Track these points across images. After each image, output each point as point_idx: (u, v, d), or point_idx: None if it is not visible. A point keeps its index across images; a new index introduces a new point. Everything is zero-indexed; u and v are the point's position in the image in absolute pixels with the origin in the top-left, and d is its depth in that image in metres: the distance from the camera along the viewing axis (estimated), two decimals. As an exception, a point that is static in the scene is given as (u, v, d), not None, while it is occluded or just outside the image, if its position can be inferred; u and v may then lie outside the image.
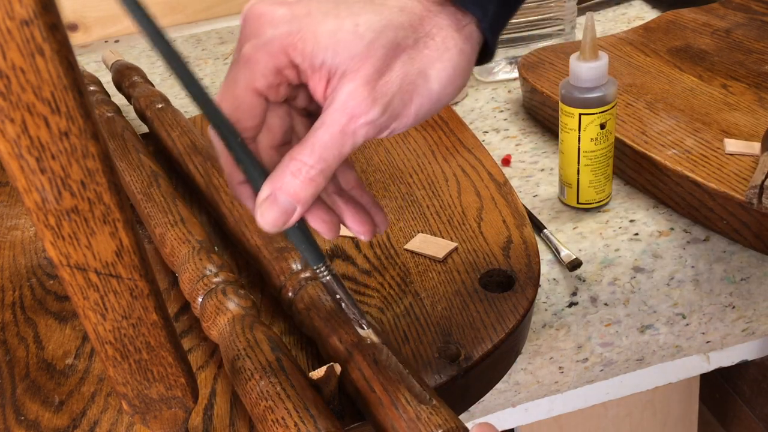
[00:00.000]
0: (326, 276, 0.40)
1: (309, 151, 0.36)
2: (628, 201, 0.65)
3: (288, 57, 0.36)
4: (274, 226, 0.37)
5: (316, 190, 0.36)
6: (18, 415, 0.46)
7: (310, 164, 0.36)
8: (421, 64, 0.37)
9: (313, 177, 0.36)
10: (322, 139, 0.36)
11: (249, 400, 0.40)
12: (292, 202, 0.36)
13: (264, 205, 0.36)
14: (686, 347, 0.62)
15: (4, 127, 0.27)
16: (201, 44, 1.13)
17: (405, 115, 0.37)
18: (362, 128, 0.36)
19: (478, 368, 0.46)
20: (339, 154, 0.36)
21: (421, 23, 0.37)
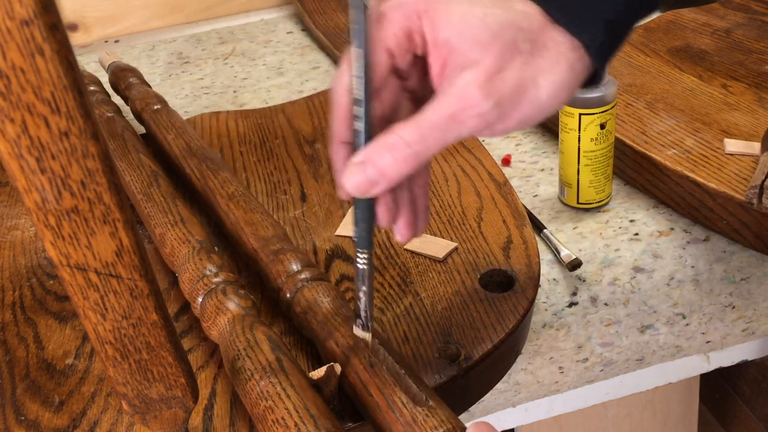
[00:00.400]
0: (365, 264, 0.40)
1: (413, 128, 0.36)
2: (628, 201, 0.65)
3: (420, 22, 0.37)
4: (354, 190, 0.37)
5: (406, 171, 0.36)
6: (18, 415, 0.46)
7: (409, 142, 0.36)
8: (534, 70, 0.37)
9: (406, 157, 0.36)
10: (430, 119, 0.36)
11: (249, 400, 0.40)
12: (378, 176, 0.36)
13: (352, 168, 0.37)
14: (686, 347, 0.62)
15: (4, 127, 0.27)
16: (201, 44, 1.13)
17: (510, 118, 0.37)
18: (471, 119, 0.36)
19: (478, 368, 0.46)
20: (441, 140, 0.36)
21: (539, 33, 0.37)
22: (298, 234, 0.60)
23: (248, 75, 1.00)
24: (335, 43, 1.01)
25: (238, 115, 0.81)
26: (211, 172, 0.62)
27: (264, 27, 1.17)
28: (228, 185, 0.60)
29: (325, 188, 0.65)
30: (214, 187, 0.60)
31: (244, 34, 1.15)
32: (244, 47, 1.10)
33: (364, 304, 0.41)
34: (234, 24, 1.20)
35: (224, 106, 0.92)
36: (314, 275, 0.49)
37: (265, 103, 0.91)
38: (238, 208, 0.57)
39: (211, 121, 0.80)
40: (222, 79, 1.00)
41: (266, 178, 0.68)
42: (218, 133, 0.77)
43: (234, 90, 0.96)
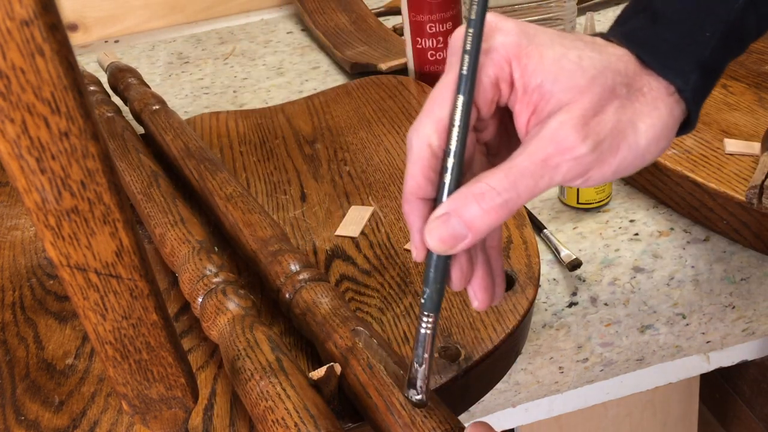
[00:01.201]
0: (428, 329, 0.36)
1: (502, 175, 0.33)
2: (628, 201, 0.65)
3: (509, 68, 0.35)
4: (437, 247, 0.34)
5: (496, 222, 0.34)
6: (18, 415, 0.46)
7: (498, 191, 0.33)
8: (632, 114, 0.35)
9: (496, 206, 0.33)
10: (521, 165, 0.33)
11: (249, 400, 0.40)
12: (465, 229, 0.34)
13: (435, 223, 0.34)
14: (686, 347, 0.62)
15: (4, 127, 0.27)
16: (201, 44, 1.13)
17: (608, 163, 0.34)
18: (566, 163, 0.33)
19: (478, 368, 0.46)
20: (533, 188, 0.33)
21: (635, 77, 0.36)
22: (298, 234, 0.60)
23: (248, 75, 1.00)
24: (335, 43, 1.01)
25: (238, 115, 0.81)
26: (209, 172, 0.62)
27: (264, 27, 1.17)
28: (226, 186, 0.60)
29: (325, 188, 0.65)
30: (213, 188, 0.60)
31: (244, 34, 1.15)
32: (244, 47, 1.10)
33: (423, 372, 0.37)
34: (234, 24, 1.20)
35: (224, 106, 0.92)
36: (313, 276, 0.49)
37: (265, 103, 0.91)
38: (236, 209, 0.57)
39: (211, 121, 0.80)
40: (222, 79, 1.00)
41: (266, 178, 0.68)
42: (218, 133, 0.77)
43: (234, 90, 0.96)
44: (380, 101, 0.78)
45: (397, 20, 1.09)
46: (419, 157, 0.35)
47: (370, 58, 0.93)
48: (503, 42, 0.35)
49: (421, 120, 0.36)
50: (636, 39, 0.37)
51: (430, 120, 0.35)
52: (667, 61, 0.36)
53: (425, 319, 0.36)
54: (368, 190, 0.64)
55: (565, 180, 0.34)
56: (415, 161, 0.35)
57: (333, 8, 1.12)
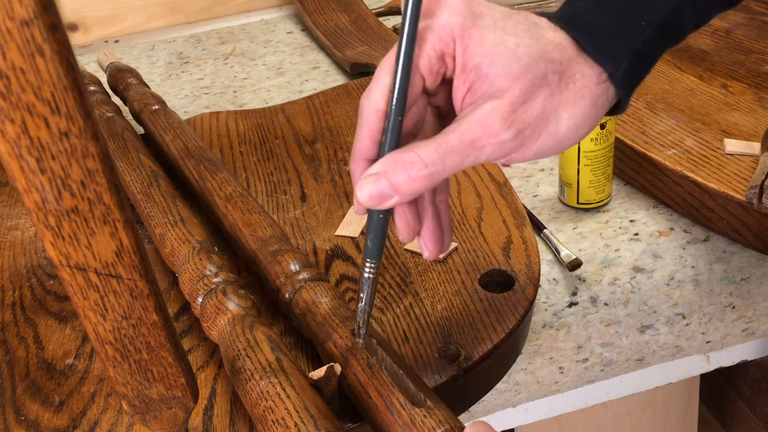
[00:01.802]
0: (371, 274, 0.40)
1: (433, 149, 0.36)
2: (628, 201, 0.65)
3: (453, 45, 0.37)
4: (366, 201, 0.37)
5: (419, 190, 0.37)
6: (18, 415, 0.46)
7: (426, 163, 0.36)
8: (558, 104, 0.37)
9: (422, 177, 0.36)
10: (451, 142, 0.36)
11: (249, 400, 0.40)
12: (391, 190, 0.37)
13: (367, 180, 0.37)
14: (686, 347, 0.62)
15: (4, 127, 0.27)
16: (201, 44, 1.13)
17: (528, 148, 0.38)
18: (491, 146, 0.36)
19: (478, 368, 0.46)
20: (458, 163, 0.36)
21: (568, 64, 0.38)
22: (298, 234, 0.60)
23: (248, 75, 1.00)
24: (335, 43, 1.01)
25: (238, 115, 0.81)
26: (209, 173, 0.62)
27: (264, 27, 1.17)
28: (226, 186, 0.60)
29: (325, 188, 0.65)
30: (212, 188, 0.60)
31: (244, 34, 1.15)
32: (244, 47, 1.10)
33: (361, 313, 0.41)
34: (234, 24, 1.20)
35: (224, 106, 0.92)
36: (313, 276, 0.49)
37: (265, 103, 0.91)
38: (236, 209, 0.57)
39: (211, 121, 0.80)
40: (222, 79, 1.00)
41: (266, 178, 0.68)
42: (218, 133, 0.77)
43: (234, 90, 0.96)
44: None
45: (397, 20, 1.09)
46: (368, 120, 0.38)
47: (370, 58, 0.93)
48: (449, 20, 0.37)
49: (372, 87, 0.38)
50: (577, 23, 0.38)
51: (378, 86, 0.38)
52: (603, 47, 0.38)
53: (367, 265, 0.40)
54: (368, 190, 0.64)
55: (487, 159, 0.37)
56: (364, 124, 0.38)
57: (333, 8, 1.12)
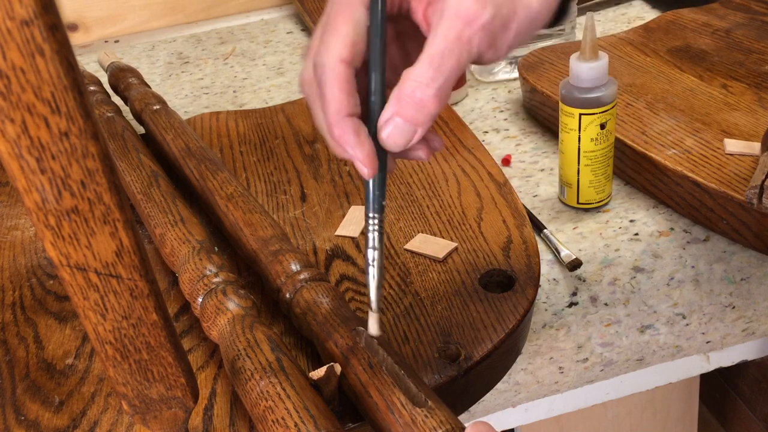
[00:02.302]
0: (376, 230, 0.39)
1: (426, 65, 0.35)
2: (628, 201, 0.65)
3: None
4: (396, 147, 0.36)
5: (436, 111, 0.36)
6: (18, 415, 0.46)
7: (427, 82, 0.35)
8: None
9: (430, 96, 0.35)
10: (439, 48, 0.35)
11: (249, 400, 0.40)
12: (413, 125, 0.36)
13: (385, 128, 0.36)
14: (686, 347, 0.62)
15: (5, 127, 0.27)
16: (201, 44, 1.13)
17: (510, 28, 0.37)
18: (477, 34, 0.35)
19: (478, 368, 0.46)
20: (457, 65, 0.35)
21: None
22: (298, 234, 0.60)
23: (248, 75, 1.00)
24: (335, 43, 1.00)
25: (238, 115, 0.81)
26: (210, 172, 0.62)
27: (264, 27, 1.17)
28: (227, 186, 0.60)
29: (325, 188, 0.65)
30: (213, 187, 0.60)
31: (244, 34, 1.15)
32: (244, 47, 1.10)
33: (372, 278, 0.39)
34: (234, 24, 1.20)
35: (224, 106, 0.92)
36: (313, 276, 0.49)
37: (265, 103, 0.91)
38: (237, 208, 0.57)
39: (211, 121, 0.80)
40: (222, 79, 1.00)
41: (266, 178, 0.68)
42: (218, 133, 0.77)
43: (234, 90, 0.96)
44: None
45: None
46: (336, 75, 0.36)
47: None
48: None
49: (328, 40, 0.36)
50: None
51: (336, 38, 0.36)
52: None
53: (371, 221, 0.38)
54: (368, 190, 0.64)
55: (480, 51, 0.36)
56: (332, 81, 0.36)
57: (333, 8, 1.12)
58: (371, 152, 0.37)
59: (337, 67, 0.36)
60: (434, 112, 0.36)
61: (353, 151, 0.37)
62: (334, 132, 0.37)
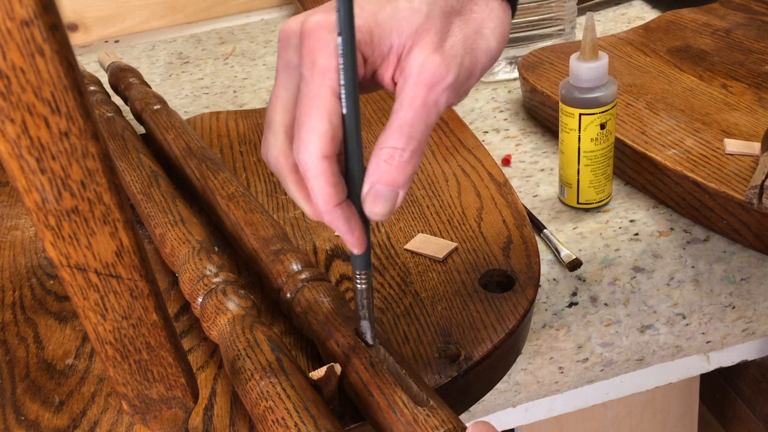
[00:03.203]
0: (364, 284, 0.40)
1: (397, 134, 0.36)
2: (628, 201, 0.65)
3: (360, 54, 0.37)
4: (381, 216, 0.37)
5: (413, 171, 0.37)
6: (18, 415, 0.46)
7: (401, 147, 0.36)
8: (475, 25, 0.38)
9: (407, 160, 0.36)
10: (406, 117, 0.36)
11: (249, 400, 0.40)
12: (393, 189, 0.36)
13: (368, 199, 0.37)
14: (686, 347, 0.62)
15: (5, 127, 0.27)
16: (201, 44, 1.13)
17: (474, 76, 0.38)
18: (443, 94, 0.36)
19: (478, 368, 0.46)
20: (426, 128, 0.36)
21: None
22: (298, 234, 0.60)
23: (248, 75, 1.00)
24: (335, 43, 1.00)
25: (238, 115, 0.81)
26: (211, 172, 0.62)
27: (264, 27, 1.17)
28: (228, 185, 0.60)
29: (325, 188, 0.65)
30: (215, 187, 0.60)
31: (244, 34, 1.15)
32: (244, 47, 1.10)
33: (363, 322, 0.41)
34: (234, 24, 1.20)
35: (224, 106, 0.92)
36: (314, 275, 0.49)
37: (265, 103, 0.91)
38: (238, 208, 0.57)
39: (211, 121, 0.80)
40: (222, 79, 1.00)
41: (266, 178, 0.68)
42: (218, 133, 0.77)
43: (234, 90, 0.96)
44: (380, 101, 0.78)
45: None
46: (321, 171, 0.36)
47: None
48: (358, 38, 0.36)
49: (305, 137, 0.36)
50: None
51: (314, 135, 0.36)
52: None
53: (358, 277, 0.40)
54: (368, 190, 0.64)
55: (449, 105, 0.37)
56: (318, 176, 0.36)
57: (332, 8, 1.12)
58: (361, 234, 0.38)
59: (321, 164, 0.36)
60: (412, 173, 0.37)
61: (345, 236, 0.38)
62: (324, 219, 0.38)
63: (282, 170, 0.39)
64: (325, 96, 0.36)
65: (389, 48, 0.37)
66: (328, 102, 0.36)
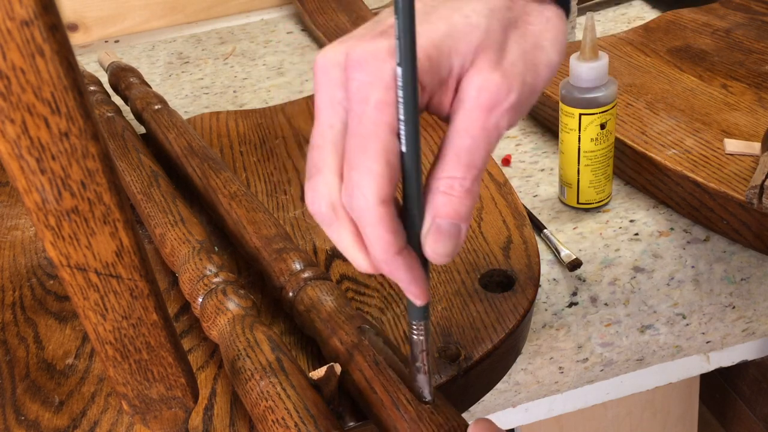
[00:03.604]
0: (422, 336, 0.36)
1: (455, 163, 0.32)
2: (628, 201, 0.65)
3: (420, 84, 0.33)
4: (445, 257, 0.33)
5: (474, 201, 0.33)
6: (18, 415, 0.46)
7: (461, 176, 0.32)
8: (533, 38, 0.35)
9: (468, 188, 0.33)
10: (464, 144, 0.32)
11: (249, 400, 0.40)
12: (456, 223, 0.33)
13: (430, 237, 0.33)
14: (686, 347, 0.62)
15: (5, 127, 0.27)
16: (201, 44, 1.13)
17: (536, 93, 0.35)
18: (505, 116, 0.33)
19: (478, 368, 0.46)
20: (486, 154, 0.33)
21: (513, 3, 0.35)
22: (299, 234, 0.60)
23: (248, 75, 1.00)
24: (335, 43, 1.00)
25: (238, 115, 0.81)
26: (213, 171, 0.62)
27: (264, 27, 1.17)
28: (230, 184, 0.60)
29: (325, 188, 0.65)
30: (216, 186, 0.60)
31: (244, 34, 1.15)
32: (244, 47, 1.10)
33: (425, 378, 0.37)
34: (234, 24, 1.20)
35: (224, 106, 0.92)
36: (317, 274, 0.49)
37: (265, 103, 0.91)
38: (240, 207, 0.57)
39: (211, 121, 0.80)
40: (222, 79, 1.00)
41: (266, 178, 0.68)
42: (218, 133, 0.77)
43: (234, 90, 0.96)
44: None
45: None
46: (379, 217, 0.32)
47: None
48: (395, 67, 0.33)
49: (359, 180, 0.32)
50: None
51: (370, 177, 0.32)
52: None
53: (415, 327, 0.36)
54: (368, 190, 0.64)
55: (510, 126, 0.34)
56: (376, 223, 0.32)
57: (333, 8, 1.12)
58: (424, 283, 0.34)
59: (379, 210, 0.32)
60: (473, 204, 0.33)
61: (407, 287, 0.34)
62: (384, 270, 0.34)
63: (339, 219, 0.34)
64: (381, 134, 0.32)
65: (449, 72, 0.33)
66: (385, 141, 0.32)
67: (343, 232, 0.34)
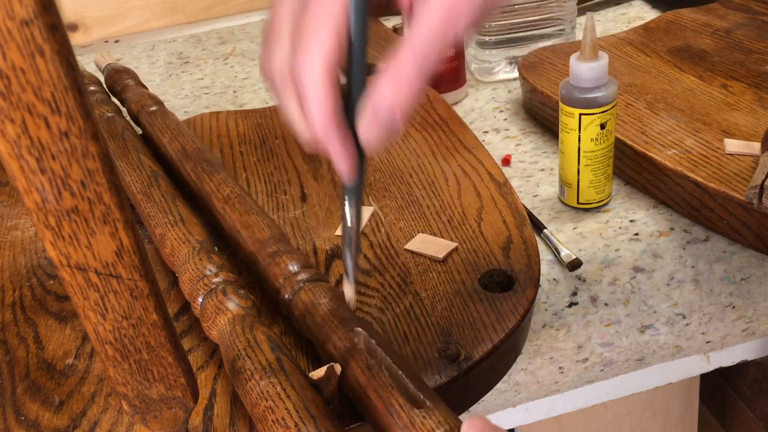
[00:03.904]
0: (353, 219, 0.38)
1: (407, 49, 0.33)
2: (628, 201, 0.65)
3: None
4: (375, 140, 0.35)
5: (415, 93, 0.33)
6: (18, 415, 0.46)
7: (409, 62, 0.33)
8: None
9: (410, 75, 0.33)
10: (420, 32, 0.33)
11: (249, 400, 0.40)
12: (393, 111, 0.34)
13: (364, 120, 0.34)
14: (686, 347, 0.62)
15: (4, 127, 0.27)
16: (201, 44, 1.13)
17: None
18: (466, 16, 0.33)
19: (478, 368, 0.46)
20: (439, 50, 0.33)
21: None
22: (298, 234, 0.60)
23: (248, 75, 1.00)
24: (335, 43, 1.00)
25: (238, 115, 0.81)
26: (206, 174, 0.62)
27: (264, 27, 1.17)
28: (224, 187, 0.60)
29: (325, 188, 0.65)
30: (210, 190, 0.60)
31: (244, 34, 1.15)
32: (244, 47, 1.10)
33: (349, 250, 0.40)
34: (234, 24, 1.20)
35: (224, 106, 0.92)
36: (312, 276, 0.49)
37: (265, 103, 0.91)
38: (234, 210, 0.57)
39: (211, 121, 0.80)
40: (222, 79, 1.00)
41: (266, 178, 0.68)
42: (218, 133, 0.77)
43: (234, 90, 0.96)
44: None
45: (397, 20, 1.09)
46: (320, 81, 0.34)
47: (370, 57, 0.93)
48: None
49: (308, 45, 0.34)
50: None
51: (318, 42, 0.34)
52: None
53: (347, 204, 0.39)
54: (368, 190, 0.64)
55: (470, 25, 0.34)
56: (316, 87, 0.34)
57: (333, 8, 1.12)
58: (355, 163, 0.36)
59: (322, 75, 0.34)
60: (417, 95, 0.33)
61: (338, 162, 0.36)
62: (320, 136, 0.36)
63: (285, 81, 0.36)
64: (334, 10, 0.34)
65: None
66: (338, 19, 0.34)
67: (289, 95, 0.36)
